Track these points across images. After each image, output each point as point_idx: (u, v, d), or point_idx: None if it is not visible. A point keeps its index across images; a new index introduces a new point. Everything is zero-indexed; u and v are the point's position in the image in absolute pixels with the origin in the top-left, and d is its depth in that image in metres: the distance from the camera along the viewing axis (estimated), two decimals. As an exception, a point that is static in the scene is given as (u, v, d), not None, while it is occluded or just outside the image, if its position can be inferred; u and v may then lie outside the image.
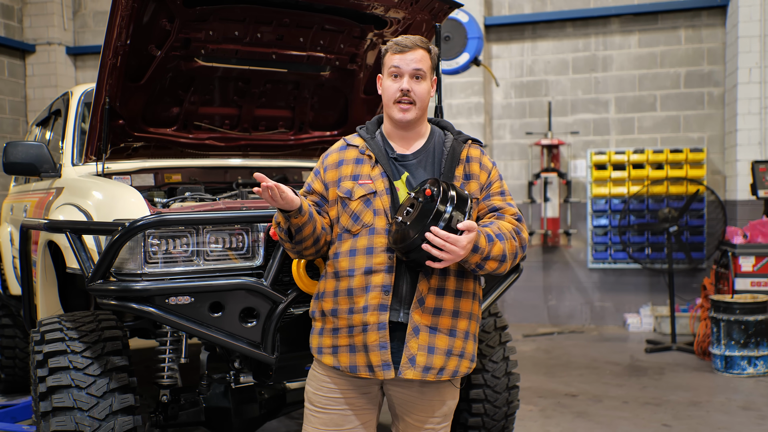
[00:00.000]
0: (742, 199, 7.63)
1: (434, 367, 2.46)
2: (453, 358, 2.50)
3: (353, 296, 2.48)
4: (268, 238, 2.97)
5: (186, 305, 2.81)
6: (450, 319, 2.50)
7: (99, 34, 9.89)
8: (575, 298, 8.62)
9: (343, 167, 2.59)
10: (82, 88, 4.49)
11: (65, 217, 3.29)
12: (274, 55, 4.00)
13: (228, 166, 4.39)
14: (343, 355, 2.51)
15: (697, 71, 8.29)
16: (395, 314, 2.47)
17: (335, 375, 2.57)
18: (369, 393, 2.59)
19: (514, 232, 2.50)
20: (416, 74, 2.52)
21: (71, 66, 9.96)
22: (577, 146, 8.59)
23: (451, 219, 2.29)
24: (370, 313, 2.44)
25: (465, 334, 2.54)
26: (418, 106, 2.53)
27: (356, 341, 2.48)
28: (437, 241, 2.27)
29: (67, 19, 9.90)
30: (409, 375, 2.45)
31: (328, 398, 2.59)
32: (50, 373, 2.90)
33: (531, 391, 5.66)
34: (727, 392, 5.71)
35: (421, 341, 2.45)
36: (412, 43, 2.53)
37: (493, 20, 8.62)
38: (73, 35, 10.01)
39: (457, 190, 2.36)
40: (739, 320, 6.19)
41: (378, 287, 2.44)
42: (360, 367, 2.48)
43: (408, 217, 2.36)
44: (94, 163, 3.80)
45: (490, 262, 2.41)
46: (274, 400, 3.72)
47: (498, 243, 2.42)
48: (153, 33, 3.57)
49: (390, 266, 2.45)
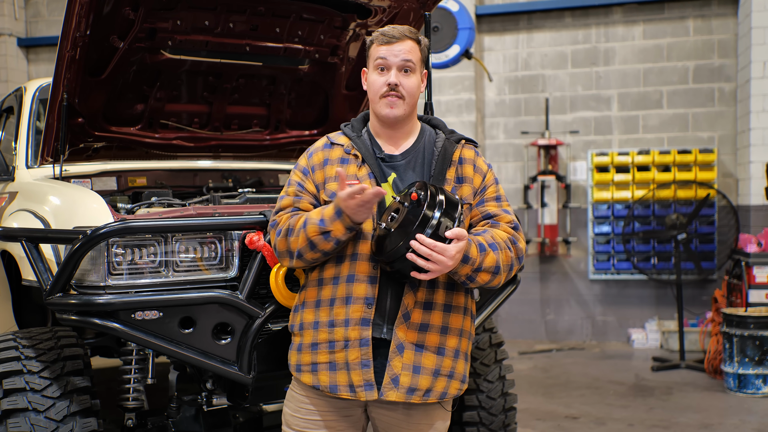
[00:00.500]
0: (756, 204, 7.71)
1: (420, 388, 2.46)
2: (441, 378, 2.50)
3: (334, 307, 2.47)
4: (243, 247, 2.97)
5: (154, 320, 2.81)
6: (438, 336, 2.49)
7: (54, 24, 9.87)
8: (575, 312, 8.69)
9: (328, 167, 2.59)
10: (37, 83, 4.48)
11: (20, 224, 3.28)
12: (248, 47, 4.02)
13: (197, 169, 4.40)
14: (323, 374, 2.50)
15: (706, 65, 8.39)
16: (378, 330, 2.46)
17: (314, 396, 2.56)
18: (351, 416, 2.59)
19: (509, 241, 2.50)
20: (405, 66, 2.52)
21: (23, 59, 9.92)
22: (577, 147, 8.67)
23: (439, 226, 2.27)
24: (351, 327, 2.44)
25: (455, 352, 2.53)
26: (407, 102, 2.53)
27: (337, 358, 2.46)
28: (423, 250, 2.26)
29: (19, 7, 9.85)
30: (391, 397, 2.44)
31: (307, 420, 2.58)
32: (5, 395, 2.89)
33: (528, 414, 5.70)
34: (741, 414, 5.77)
35: (405, 360, 2.44)
36: (399, 34, 2.53)
37: (485, 9, 8.68)
38: (25, 25, 9.97)
39: (446, 194, 2.34)
40: (754, 335, 6.26)
41: (360, 299, 2.44)
42: (341, 386, 2.47)
43: (392, 222, 2.34)
44: (50, 166, 3.79)
45: (482, 274, 2.41)
46: (249, 424, 3.73)
47: (491, 253, 2.42)
48: (115, 22, 3.58)
49: (373, 276, 2.45)
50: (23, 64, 9.93)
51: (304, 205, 2.57)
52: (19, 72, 9.83)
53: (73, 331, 3.29)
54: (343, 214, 2.37)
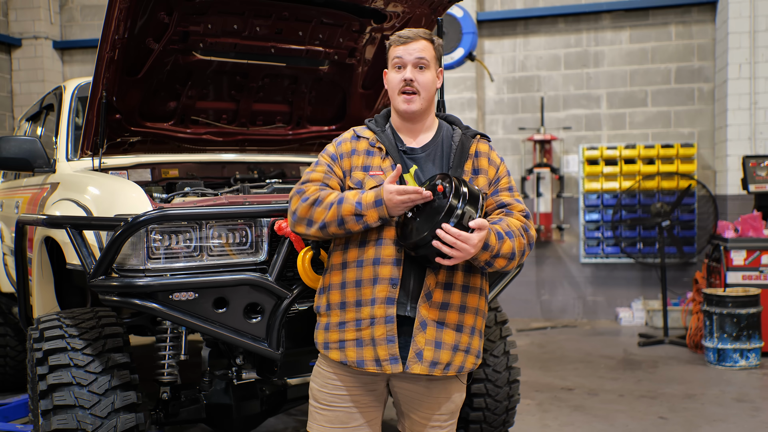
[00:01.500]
0: (733, 193, 7.66)
1: (441, 362, 2.44)
2: (459, 353, 2.48)
3: (361, 287, 2.45)
4: (272, 233, 2.92)
5: (190, 301, 2.76)
6: (457, 314, 2.47)
7: (86, 28, 9.79)
8: (568, 292, 8.63)
9: (355, 157, 2.56)
10: (76, 82, 4.42)
11: (63, 212, 3.23)
12: (273, 49, 3.95)
13: (225, 161, 4.34)
14: (350, 350, 2.47)
15: (687, 67, 8.31)
16: (402, 308, 2.44)
17: (341, 371, 2.53)
18: (375, 390, 2.56)
19: (522, 229, 2.49)
20: (419, 63, 2.50)
21: (58, 60, 9.84)
22: (570, 141, 8.59)
23: (463, 216, 2.26)
24: (377, 306, 2.42)
25: (471, 329, 2.52)
26: (422, 96, 2.51)
27: (364, 335, 2.44)
28: (448, 239, 2.24)
29: (54, 12, 9.77)
30: (416, 370, 2.42)
31: (333, 395, 2.55)
32: (50, 370, 2.85)
33: (527, 386, 5.65)
34: (721, 385, 5.72)
35: (428, 336, 2.42)
36: (414, 35, 2.52)
37: (485, 15, 8.59)
38: (60, 29, 9.88)
39: (469, 187, 2.33)
40: (732, 313, 6.22)
41: (386, 280, 2.42)
42: (367, 361, 2.44)
43: (418, 212, 2.32)
44: (89, 159, 3.73)
45: (499, 259, 2.40)
46: (275, 397, 3.69)
47: (507, 241, 2.40)
48: (151, 26, 3.51)
49: (398, 259, 2.43)
50: (58, 65, 9.84)
51: (333, 184, 2.53)
52: (55, 72, 9.74)
53: (112, 311, 3.24)
54: (383, 206, 2.34)
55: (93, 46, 9.62)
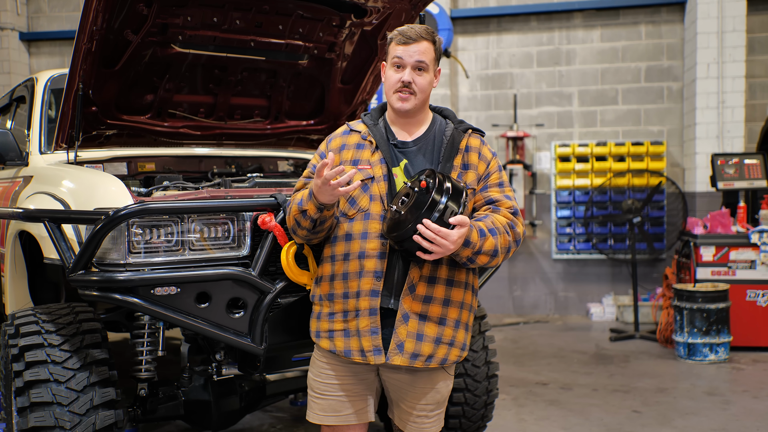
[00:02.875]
0: (701, 190, 7.77)
1: (422, 354, 2.46)
2: (442, 346, 2.50)
3: (348, 280, 2.48)
4: (255, 227, 2.89)
5: (172, 296, 2.72)
6: (440, 308, 2.49)
7: (54, 19, 9.60)
8: (540, 288, 8.69)
9: (344, 152, 2.58)
10: (48, 74, 4.32)
11: (39, 206, 3.15)
12: (252, 43, 3.91)
13: (203, 155, 4.28)
14: (338, 340, 2.51)
15: (657, 66, 8.40)
16: (386, 300, 2.47)
17: (334, 361, 2.58)
18: (366, 379, 2.60)
19: (508, 226, 2.49)
20: (418, 66, 2.50)
21: (25, 52, 9.63)
22: (542, 138, 8.64)
23: (445, 212, 2.28)
24: (362, 298, 2.45)
25: (456, 322, 2.53)
26: (418, 97, 2.51)
27: (350, 326, 2.49)
28: (428, 234, 2.26)
29: (21, 3, 9.57)
30: (396, 361, 2.45)
31: (327, 384, 2.60)
32: (27, 367, 2.80)
33: (503, 381, 5.66)
34: (692, 378, 5.80)
35: (410, 328, 2.45)
36: (416, 35, 2.50)
37: (459, 12, 8.60)
38: (26, 21, 9.68)
39: (453, 182, 2.34)
40: (702, 308, 6.30)
41: (370, 273, 2.45)
42: (353, 351, 2.48)
43: (403, 206, 2.34)
44: (63, 152, 3.66)
45: (481, 256, 2.41)
46: (253, 393, 3.65)
47: (490, 238, 2.41)
48: (130, 17, 3.45)
49: (383, 252, 2.45)
50: (25, 57, 9.64)
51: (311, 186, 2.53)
52: (21, 65, 9.55)
53: (89, 306, 3.18)
54: (313, 195, 2.41)
55: (61, 38, 9.46)
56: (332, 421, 2.60)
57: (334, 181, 2.31)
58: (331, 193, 2.35)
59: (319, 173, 2.32)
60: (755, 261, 6.62)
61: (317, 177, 2.33)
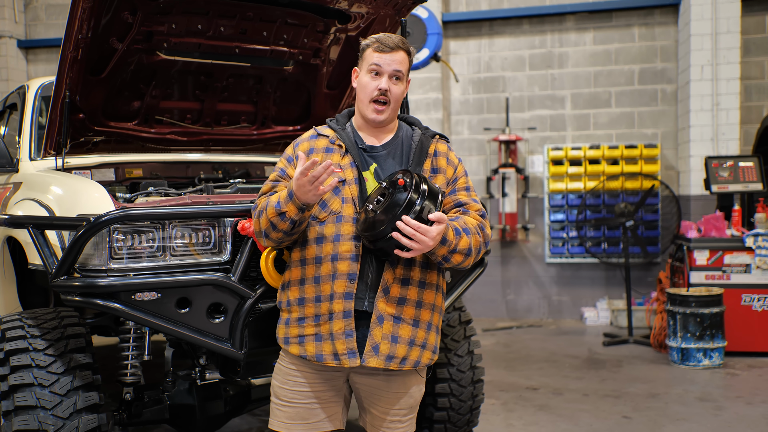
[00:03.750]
0: (696, 194, 7.81)
1: (397, 356, 2.50)
2: (415, 348, 2.55)
3: (320, 284, 2.50)
4: (235, 233, 2.95)
5: (152, 301, 2.78)
6: (414, 309, 2.54)
7: (51, 27, 9.70)
8: (533, 292, 8.74)
9: (313, 155, 2.60)
10: (39, 81, 4.40)
11: (25, 212, 3.22)
12: (237, 49, 3.98)
13: (190, 161, 4.35)
14: (309, 345, 2.53)
15: (650, 68, 8.46)
16: (360, 303, 2.50)
17: (303, 367, 2.59)
18: (336, 385, 2.62)
19: (478, 227, 2.56)
20: (396, 75, 2.57)
21: (23, 59, 9.74)
22: (534, 142, 8.70)
23: (423, 210, 2.33)
24: (336, 301, 2.47)
25: (428, 325, 2.58)
26: (391, 107, 2.58)
27: (322, 330, 2.50)
28: (408, 230, 2.31)
29: (18, 11, 9.68)
30: (372, 363, 2.48)
31: (294, 392, 2.61)
32: (12, 371, 2.85)
33: (492, 385, 5.72)
34: (684, 384, 5.83)
35: (385, 330, 2.49)
36: (394, 44, 2.56)
37: (450, 16, 8.67)
38: (24, 28, 9.78)
39: (428, 183, 2.41)
40: (695, 313, 6.33)
41: (344, 275, 2.47)
42: (326, 355, 2.50)
43: (379, 206, 2.39)
44: (52, 158, 3.73)
45: (456, 255, 2.47)
46: (239, 397, 3.71)
47: (465, 237, 2.47)
48: (115, 26, 3.53)
49: (356, 254, 2.48)
50: (23, 64, 9.75)
51: (281, 189, 2.58)
52: (19, 71, 9.65)
53: (75, 311, 3.24)
54: (294, 195, 2.39)
55: (58, 45, 9.47)
56: (300, 429, 2.60)
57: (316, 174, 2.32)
58: (315, 192, 2.37)
59: (304, 173, 2.32)
60: (750, 265, 6.64)
61: (302, 176, 2.32)
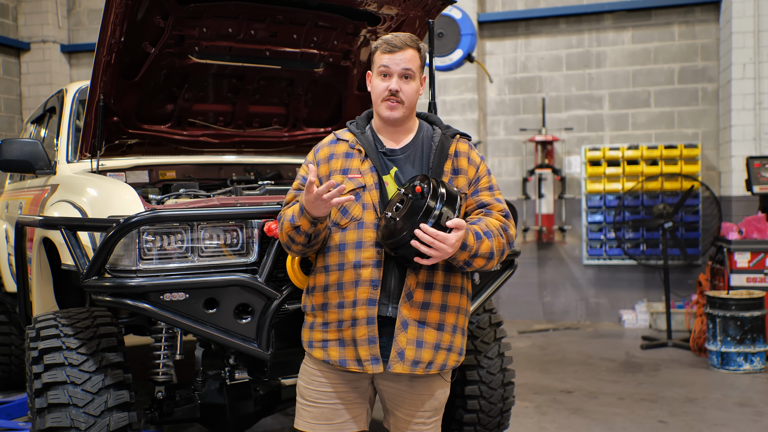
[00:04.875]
0: (737, 194, 7.67)
1: (423, 361, 2.49)
2: (441, 351, 2.53)
3: (343, 290, 2.50)
4: (262, 234, 2.97)
5: (181, 301, 2.81)
6: (438, 314, 2.52)
7: (93, 32, 9.90)
8: (570, 294, 8.65)
9: (333, 161, 2.60)
10: (77, 86, 4.50)
11: (60, 213, 3.30)
12: (268, 52, 4.01)
13: (222, 163, 4.41)
14: (333, 349, 2.53)
15: (690, 67, 8.32)
16: (384, 309, 2.49)
17: (326, 369, 2.59)
18: (360, 387, 2.61)
19: (501, 229, 2.52)
20: (405, 74, 2.54)
21: (66, 64, 9.98)
22: (571, 142, 8.61)
23: (441, 216, 2.31)
24: (359, 307, 2.47)
25: (453, 327, 2.56)
26: (405, 105, 2.55)
27: (345, 335, 2.50)
28: (426, 239, 2.29)
29: (62, 17, 9.92)
30: (398, 369, 2.48)
31: (319, 392, 2.61)
32: (45, 369, 2.91)
33: (526, 388, 5.68)
34: (723, 388, 5.73)
35: (409, 335, 2.47)
36: (401, 43, 2.53)
37: (486, 17, 8.64)
38: (67, 33, 10.02)
39: (446, 187, 2.37)
40: (735, 316, 6.21)
41: (367, 282, 2.47)
42: (349, 361, 2.50)
43: (397, 213, 2.37)
44: (88, 160, 3.81)
45: (478, 259, 2.44)
46: (269, 397, 3.74)
47: (486, 241, 2.44)
48: (147, 30, 3.59)
49: (378, 261, 2.47)
50: (66, 69, 9.99)
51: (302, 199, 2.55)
52: (62, 76, 9.89)
53: (108, 311, 3.30)
54: (305, 210, 2.41)
55: (98, 50, 9.74)
56: (324, 429, 2.60)
57: (326, 194, 2.34)
58: (324, 207, 2.38)
59: (309, 190, 2.35)
60: (793, 267, 6.52)
61: (307, 194, 2.36)
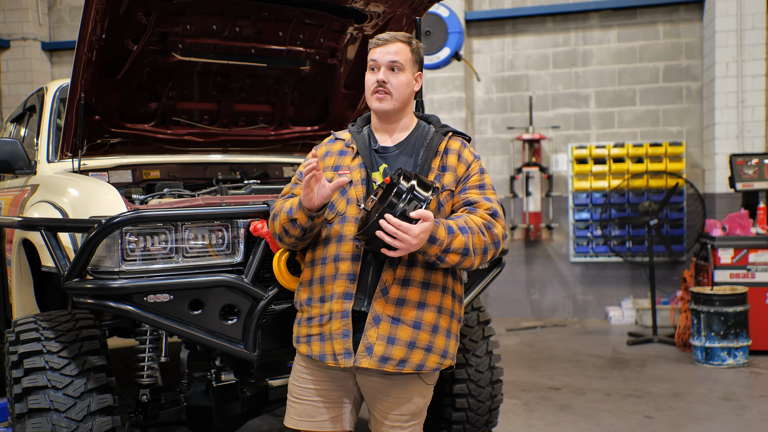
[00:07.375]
0: (721, 192, 7.67)
1: (393, 357, 2.42)
2: (417, 351, 2.45)
3: (324, 284, 2.49)
4: (248, 234, 2.90)
5: (165, 303, 2.74)
6: (415, 311, 2.45)
7: (75, 29, 9.76)
8: (557, 291, 8.63)
9: (327, 158, 2.61)
10: (57, 84, 4.39)
11: (40, 214, 3.20)
12: (253, 50, 3.94)
13: (207, 162, 4.32)
14: (314, 344, 2.51)
15: (675, 66, 8.30)
16: (360, 303, 2.46)
17: (312, 366, 2.57)
18: (345, 386, 2.58)
19: (484, 226, 2.44)
20: (392, 66, 2.52)
21: (47, 62, 9.82)
22: (558, 141, 8.58)
23: (407, 207, 2.25)
24: (335, 301, 2.45)
25: (432, 327, 2.48)
26: (394, 97, 2.52)
27: (325, 330, 2.48)
28: (389, 228, 2.24)
29: (42, 14, 9.76)
30: (364, 363, 2.42)
31: (303, 389, 2.60)
32: (26, 374, 2.83)
33: (515, 385, 5.64)
34: (708, 383, 5.72)
35: (381, 331, 2.42)
36: (391, 37, 2.55)
37: (473, 15, 8.59)
38: (48, 30, 9.87)
39: (419, 179, 2.30)
40: (719, 312, 6.21)
41: (344, 275, 2.45)
42: (327, 355, 2.47)
43: (369, 203, 2.36)
44: (70, 160, 3.71)
45: (451, 254, 2.36)
46: (256, 398, 3.67)
47: (460, 236, 2.36)
48: (129, 27, 3.50)
49: (356, 255, 2.45)
50: (47, 67, 9.83)
51: (298, 192, 2.58)
52: (43, 74, 9.73)
53: (90, 313, 3.22)
54: (302, 205, 2.42)
55: (81, 48, 9.61)
56: (306, 426, 2.58)
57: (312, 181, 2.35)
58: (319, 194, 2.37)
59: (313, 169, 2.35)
60: (775, 263, 6.52)
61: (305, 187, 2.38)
